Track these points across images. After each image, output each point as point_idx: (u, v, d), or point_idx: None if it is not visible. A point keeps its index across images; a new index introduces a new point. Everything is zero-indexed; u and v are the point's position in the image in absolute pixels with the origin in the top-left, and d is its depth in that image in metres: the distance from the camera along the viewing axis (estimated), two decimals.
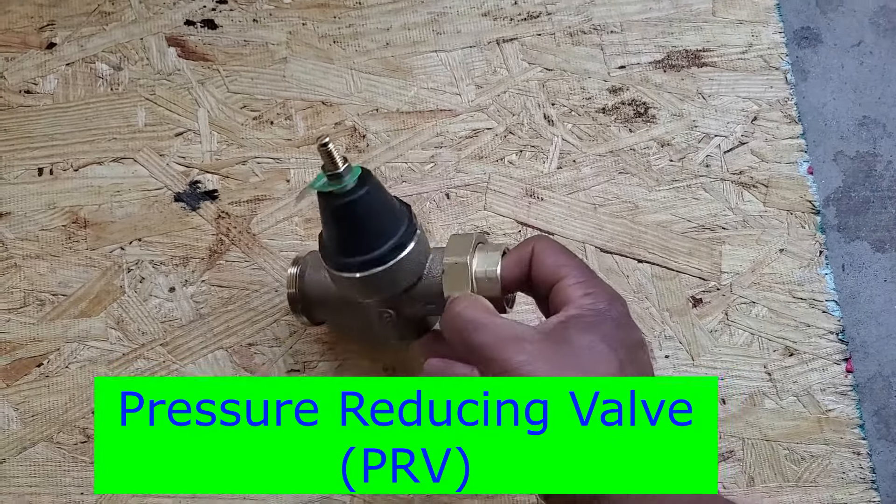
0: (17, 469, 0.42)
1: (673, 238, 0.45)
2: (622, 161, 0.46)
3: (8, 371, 0.43)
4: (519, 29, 0.48)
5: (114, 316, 0.44)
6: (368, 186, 0.32)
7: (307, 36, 0.48)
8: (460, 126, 0.47)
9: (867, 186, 0.48)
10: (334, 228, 0.33)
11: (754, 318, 0.44)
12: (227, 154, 0.46)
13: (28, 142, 0.46)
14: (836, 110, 0.49)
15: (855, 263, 0.47)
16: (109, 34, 0.48)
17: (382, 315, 0.35)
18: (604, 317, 0.30)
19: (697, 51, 0.48)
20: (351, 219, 0.32)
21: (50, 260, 0.45)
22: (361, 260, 0.32)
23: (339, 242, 0.33)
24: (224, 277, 0.44)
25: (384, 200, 0.33)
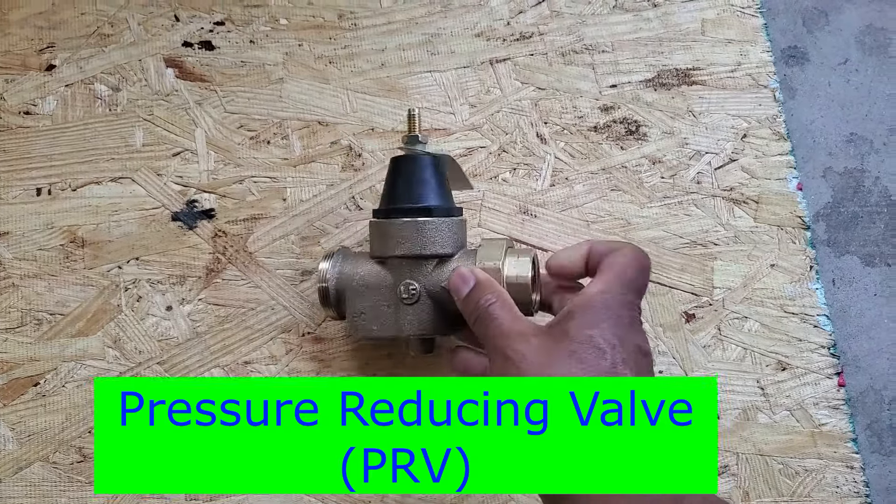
0: (13, 489, 0.42)
1: (665, 254, 0.46)
2: (614, 178, 0.47)
3: (4, 390, 0.43)
4: (512, 49, 0.49)
5: (111, 335, 0.44)
6: (437, 158, 0.39)
7: (303, 57, 0.49)
8: (455, 144, 0.47)
9: (856, 202, 0.49)
10: (400, 178, 0.39)
11: (747, 333, 0.44)
12: (224, 173, 0.47)
13: (27, 162, 0.47)
14: (824, 127, 0.50)
15: (845, 278, 0.47)
16: (108, 56, 0.49)
17: (409, 287, 0.37)
18: (608, 313, 0.30)
19: (687, 69, 0.49)
20: (417, 173, 0.39)
21: (48, 279, 0.45)
22: (417, 207, 0.38)
23: (400, 192, 0.39)
24: (221, 296, 0.45)
25: (444, 180, 0.40)
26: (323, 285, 0.39)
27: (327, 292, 0.39)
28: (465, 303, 0.35)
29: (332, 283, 0.39)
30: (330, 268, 0.39)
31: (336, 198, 0.46)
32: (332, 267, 0.39)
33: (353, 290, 0.39)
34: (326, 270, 0.39)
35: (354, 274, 0.39)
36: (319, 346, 0.44)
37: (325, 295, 0.39)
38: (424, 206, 0.38)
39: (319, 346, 0.44)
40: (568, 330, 0.30)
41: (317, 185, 0.47)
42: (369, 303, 0.38)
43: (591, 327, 0.30)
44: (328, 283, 0.39)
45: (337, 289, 0.39)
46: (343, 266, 0.39)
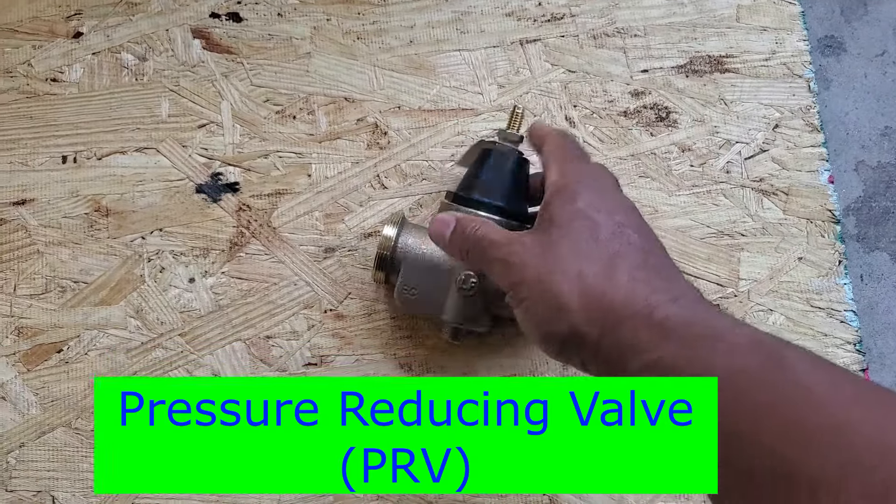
0: (36, 453, 0.42)
1: (692, 243, 0.45)
2: (643, 165, 0.46)
3: (28, 356, 0.44)
4: (542, 30, 0.48)
5: (133, 305, 0.44)
6: (527, 161, 0.40)
7: (331, 31, 0.48)
8: (482, 125, 0.47)
9: (888, 197, 0.48)
10: (490, 171, 0.39)
11: (771, 326, 0.44)
12: (249, 147, 0.46)
13: (53, 129, 0.47)
14: (858, 120, 0.49)
15: (874, 274, 0.47)
16: (135, 25, 0.48)
17: (468, 279, 0.37)
18: (579, 187, 0.31)
19: (720, 56, 0.48)
20: (509, 171, 0.39)
21: (72, 247, 0.45)
22: (499, 206, 0.37)
23: (487, 184, 0.38)
24: (244, 270, 0.45)
25: (528, 185, 0.40)
26: (384, 252, 0.39)
27: (387, 260, 0.39)
28: (452, 241, 0.34)
29: (394, 251, 0.39)
30: (394, 235, 0.40)
31: (361, 175, 0.46)
32: (396, 234, 0.40)
33: (410, 264, 0.39)
34: (390, 238, 0.39)
35: (417, 249, 0.39)
36: (341, 322, 0.44)
37: (382, 261, 0.40)
38: (507, 209, 0.38)
39: (341, 322, 0.44)
40: (553, 217, 0.30)
41: (342, 161, 0.46)
42: (424, 281, 0.39)
43: (571, 202, 0.30)
44: (388, 251, 0.39)
45: (395, 258, 0.40)
46: (407, 237, 0.40)
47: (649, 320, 0.26)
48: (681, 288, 0.28)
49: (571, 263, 0.28)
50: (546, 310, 0.28)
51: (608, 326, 0.26)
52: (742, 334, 0.25)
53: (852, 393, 0.22)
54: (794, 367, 0.23)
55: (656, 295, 0.26)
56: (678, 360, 0.25)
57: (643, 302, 0.26)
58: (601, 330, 0.27)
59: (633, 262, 0.28)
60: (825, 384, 0.22)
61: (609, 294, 0.27)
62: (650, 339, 0.26)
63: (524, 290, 0.29)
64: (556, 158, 0.34)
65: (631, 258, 0.28)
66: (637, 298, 0.26)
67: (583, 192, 0.30)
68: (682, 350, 0.25)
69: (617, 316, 0.26)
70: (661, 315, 0.26)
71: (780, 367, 0.23)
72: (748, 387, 0.23)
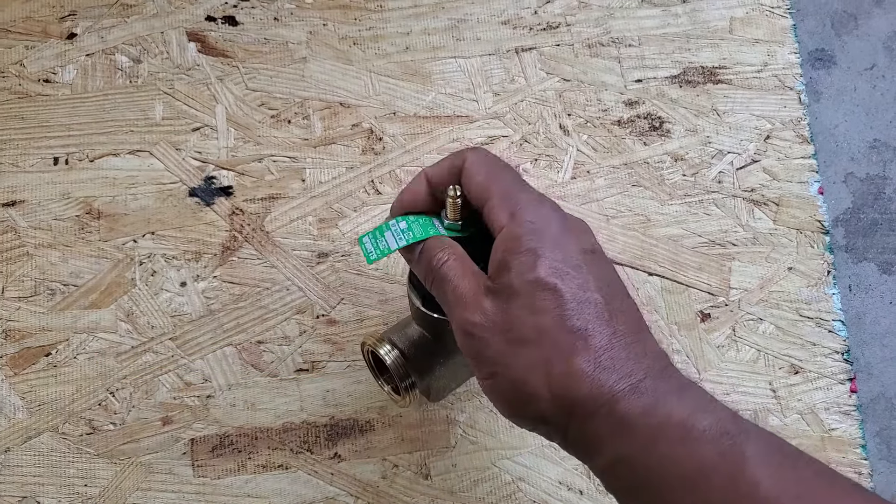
0: (22, 458, 0.42)
1: (683, 252, 0.46)
2: (636, 174, 0.47)
3: (16, 359, 0.43)
4: (538, 39, 0.49)
5: (124, 308, 0.44)
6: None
7: (327, 37, 0.48)
8: (476, 132, 0.47)
9: (876, 209, 0.49)
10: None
11: (761, 335, 0.44)
12: (243, 151, 0.46)
13: (45, 131, 0.46)
14: (847, 132, 0.50)
15: (862, 284, 0.47)
16: (130, 27, 0.48)
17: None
18: (538, 244, 0.27)
19: (713, 67, 0.49)
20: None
21: (62, 250, 0.45)
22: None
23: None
24: (236, 274, 0.44)
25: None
26: (409, 383, 0.37)
27: (405, 375, 0.37)
28: (418, 264, 0.31)
29: (406, 367, 0.37)
30: (394, 352, 0.37)
31: (355, 181, 0.46)
32: (393, 349, 0.37)
33: (432, 375, 0.37)
34: (393, 354, 0.36)
35: (431, 366, 0.37)
36: (333, 328, 0.44)
37: (404, 380, 0.37)
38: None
39: (333, 328, 0.44)
40: (512, 285, 0.27)
41: (336, 167, 0.46)
42: (443, 372, 0.37)
43: (531, 270, 0.27)
44: (401, 367, 0.36)
45: (408, 369, 0.37)
46: (398, 344, 0.37)
47: (611, 415, 0.26)
48: (646, 363, 0.27)
49: (538, 351, 0.27)
50: (514, 394, 0.28)
51: (575, 418, 0.26)
52: (703, 423, 0.25)
53: (795, 492, 0.24)
54: (751, 459, 0.25)
55: (621, 383, 0.26)
56: (639, 458, 0.25)
57: (608, 394, 0.26)
58: (568, 420, 0.27)
59: (599, 342, 0.26)
60: (773, 479, 0.24)
61: (574, 389, 0.26)
62: (613, 435, 0.26)
63: (487, 369, 0.28)
64: (498, 192, 0.29)
65: (597, 337, 0.27)
66: (602, 390, 0.26)
67: (544, 253, 0.27)
68: (645, 447, 0.25)
69: (584, 410, 0.26)
70: (623, 409, 0.26)
71: (739, 464, 0.24)
72: (706, 487, 0.24)
